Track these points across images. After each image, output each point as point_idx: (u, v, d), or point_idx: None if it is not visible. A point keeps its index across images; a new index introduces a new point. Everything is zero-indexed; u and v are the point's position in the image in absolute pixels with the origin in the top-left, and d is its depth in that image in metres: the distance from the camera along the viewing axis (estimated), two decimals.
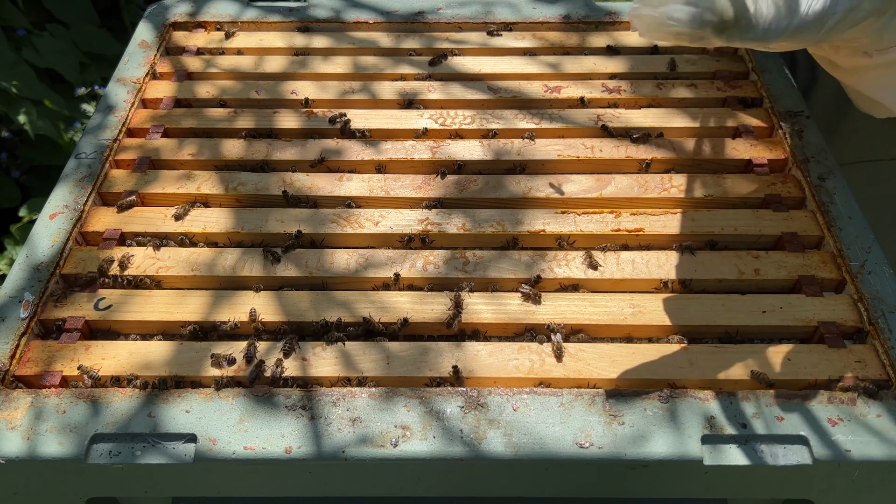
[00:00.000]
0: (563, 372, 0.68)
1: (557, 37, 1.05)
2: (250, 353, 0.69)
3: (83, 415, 0.64)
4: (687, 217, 0.81)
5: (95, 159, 0.88)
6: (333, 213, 0.82)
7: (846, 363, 0.68)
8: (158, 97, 0.97)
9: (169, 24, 1.08)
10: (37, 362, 0.69)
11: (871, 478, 0.63)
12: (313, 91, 0.97)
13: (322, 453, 0.62)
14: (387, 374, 0.68)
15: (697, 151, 0.88)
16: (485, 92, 0.97)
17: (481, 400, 0.65)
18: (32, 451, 0.62)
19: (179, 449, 0.62)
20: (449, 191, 0.84)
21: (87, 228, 0.81)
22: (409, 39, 1.05)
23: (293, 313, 0.73)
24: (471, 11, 1.09)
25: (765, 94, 0.94)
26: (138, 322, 0.73)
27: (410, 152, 0.89)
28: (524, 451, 0.62)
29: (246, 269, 0.77)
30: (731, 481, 0.64)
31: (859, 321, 0.72)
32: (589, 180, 0.85)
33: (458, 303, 0.71)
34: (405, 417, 0.64)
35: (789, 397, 0.65)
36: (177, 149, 0.90)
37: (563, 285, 0.76)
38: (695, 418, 0.63)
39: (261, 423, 0.63)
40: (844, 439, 0.62)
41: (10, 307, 0.73)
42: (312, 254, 0.78)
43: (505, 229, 0.80)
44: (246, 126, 0.93)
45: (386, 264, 0.77)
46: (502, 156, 0.88)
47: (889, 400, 0.65)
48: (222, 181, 0.85)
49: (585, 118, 0.92)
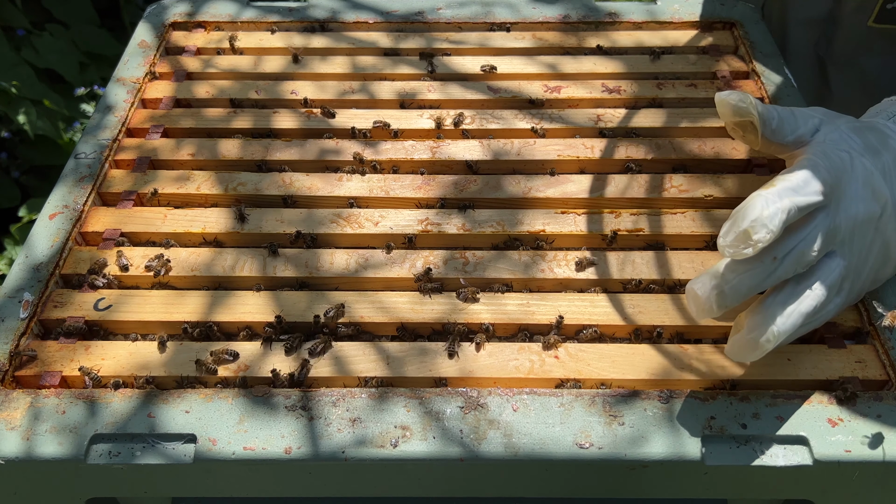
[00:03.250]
0: (563, 372, 0.68)
1: (557, 37, 1.05)
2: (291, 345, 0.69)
3: (83, 415, 0.64)
4: (687, 217, 0.81)
5: (95, 159, 0.87)
6: (333, 213, 0.82)
7: (846, 363, 0.68)
8: (158, 97, 0.97)
9: (168, 24, 1.08)
10: (36, 362, 0.69)
11: (871, 478, 0.63)
12: (313, 91, 0.97)
13: (322, 454, 0.62)
14: (386, 374, 0.68)
15: (697, 151, 0.88)
16: (485, 92, 0.97)
17: (481, 400, 0.65)
18: (32, 451, 0.62)
19: (179, 449, 0.62)
20: (449, 191, 0.84)
21: (86, 228, 0.81)
22: (408, 39, 1.05)
23: (292, 313, 0.73)
24: (471, 11, 1.09)
25: (765, 94, 0.94)
26: (138, 322, 0.73)
27: (410, 152, 0.89)
28: (524, 452, 0.62)
29: (246, 269, 0.77)
30: (731, 481, 0.64)
31: (859, 321, 0.72)
32: (589, 180, 0.85)
33: (453, 347, 0.70)
34: (405, 418, 0.64)
35: (789, 397, 0.65)
36: (176, 149, 0.90)
37: (563, 285, 0.76)
38: (695, 418, 0.63)
39: (260, 424, 0.63)
40: (844, 439, 0.62)
41: (9, 307, 0.73)
42: (312, 254, 0.78)
43: (505, 229, 0.80)
44: (245, 126, 0.93)
45: (386, 264, 0.77)
46: (502, 156, 0.88)
47: (889, 400, 0.65)
48: (222, 181, 0.85)
49: (585, 118, 0.92)
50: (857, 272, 0.67)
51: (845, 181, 0.66)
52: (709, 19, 1.06)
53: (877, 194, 0.67)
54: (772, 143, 0.72)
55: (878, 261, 0.68)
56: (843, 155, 0.68)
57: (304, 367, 0.68)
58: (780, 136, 0.71)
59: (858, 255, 0.67)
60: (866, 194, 0.66)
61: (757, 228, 0.60)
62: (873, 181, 0.67)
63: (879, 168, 0.68)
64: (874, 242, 0.67)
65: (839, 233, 0.65)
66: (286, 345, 0.69)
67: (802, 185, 0.64)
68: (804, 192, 0.63)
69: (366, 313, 0.73)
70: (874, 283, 0.71)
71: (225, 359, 0.69)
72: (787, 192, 0.62)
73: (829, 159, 0.67)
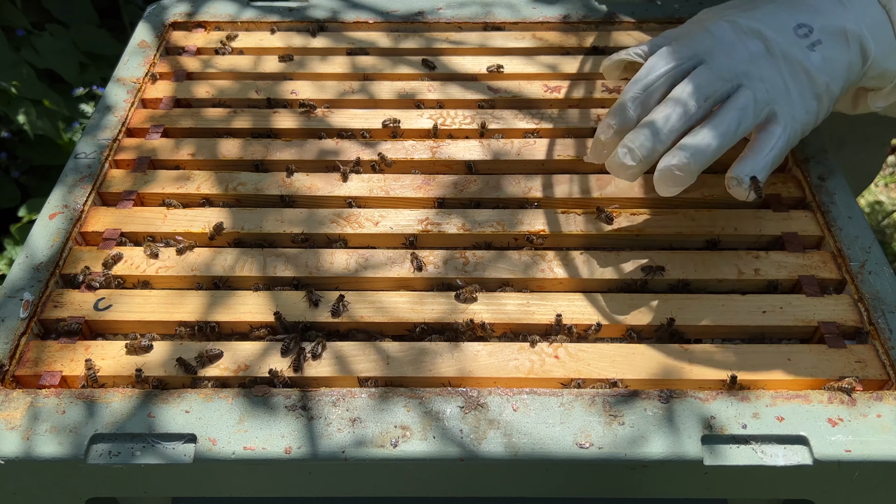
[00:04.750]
0: (563, 372, 0.68)
1: (557, 37, 1.05)
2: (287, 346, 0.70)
3: (83, 415, 0.64)
4: (687, 217, 0.81)
5: (95, 159, 0.87)
6: (333, 212, 0.82)
7: (846, 363, 0.68)
8: (158, 97, 0.97)
9: (168, 24, 1.08)
10: (36, 362, 0.69)
11: (871, 478, 0.63)
12: (312, 91, 0.97)
13: (322, 453, 0.62)
14: (386, 374, 0.68)
15: None
16: (485, 92, 0.97)
17: (481, 400, 0.65)
18: (32, 451, 0.62)
19: (179, 449, 0.62)
20: (449, 191, 0.84)
21: (86, 228, 0.81)
22: (408, 39, 1.05)
23: (292, 314, 0.73)
24: (470, 12, 1.09)
25: None
26: (138, 322, 0.73)
27: (410, 152, 0.89)
28: (524, 452, 0.62)
29: (245, 269, 0.77)
30: (731, 481, 0.64)
31: (859, 321, 0.72)
32: (589, 180, 0.85)
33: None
34: (405, 418, 0.64)
35: (789, 397, 0.65)
36: (176, 149, 0.90)
37: (563, 285, 0.76)
38: (695, 418, 0.63)
39: (260, 424, 0.63)
40: (844, 439, 0.62)
41: (9, 307, 0.73)
42: (312, 254, 0.78)
43: (505, 229, 0.80)
44: (245, 126, 0.93)
45: (386, 264, 0.77)
46: (502, 156, 0.88)
47: (889, 400, 0.65)
48: (221, 181, 0.85)
49: (585, 118, 0.92)
50: (781, 99, 0.73)
51: (709, 40, 0.74)
52: None
53: (751, 33, 0.73)
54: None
55: (801, 83, 0.73)
56: (701, 26, 0.76)
57: (300, 364, 0.68)
58: (649, 49, 0.79)
59: (771, 82, 0.72)
60: (740, 37, 0.74)
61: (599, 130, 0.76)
62: (743, 25, 0.74)
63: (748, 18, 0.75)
64: (779, 69, 0.73)
65: (725, 69, 0.72)
66: (283, 346, 0.69)
67: (643, 74, 0.74)
68: (650, 75, 0.74)
69: (366, 313, 0.73)
70: (822, 106, 0.75)
71: (210, 358, 0.68)
72: (626, 92, 0.74)
73: (678, 39, 0.76)
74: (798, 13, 0.74)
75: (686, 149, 0.70)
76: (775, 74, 0.73)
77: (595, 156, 0.79)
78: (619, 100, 0.74)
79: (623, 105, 0.73)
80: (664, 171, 0.71)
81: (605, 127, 0.75)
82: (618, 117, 0.74)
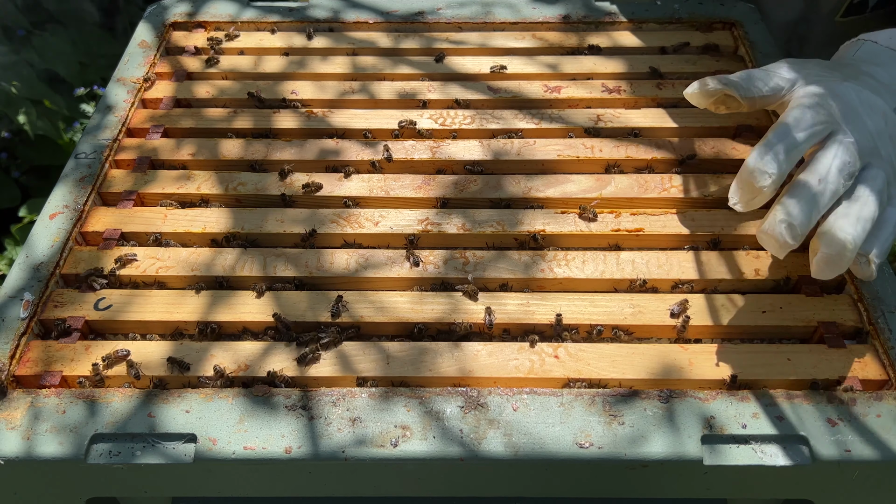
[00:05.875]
0: (563, 372, 0.68)
1: (557, 37, 1.05)
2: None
3: (83, 415, 0.64)
4: (687, 217, 0.81)
5: (95, 159, 0.88)
6: (333, 213, 0.82)
7: (846, 363, 0.68)
8: (158, 97, 0.97)
9: (168, 25, 1.08)
10: (36, 362, 0.69)
11: (871, 478, 0.63)
12: (312, 91, 0.97)
13: (322, 453, 0.62)
14: (386, 374, 0.68)
15: (697, 151, 0.88)
16: (485, 92, 0.97)
17: (481, 400, 0.65)
18: (32, 451, 0.62)
19: (179, 449, 0.62)
20: (448, 191, 0.84)
21: (86, 228, 0.81)
22: (408, 40, 1.05)
23: (292, 314, 0.73)
24: (470, 11, 1.09)
25: None
26: (138, 322, 0.73)
27: (410, 152, 0.89)
28: (524, 451, 0.62)
29: (246, 269, 0.77)
30: (731, 481, 0.64)
31: (859, 321, 0.72)
32: (589, 180, 0.85)
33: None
34: (405, 417, 0.64)
35: (789, 397, 0.65)
36: (176, 149, 0.90)
37: (562, 285, 0.76)
38: (695, 418, 0.64)
39: (261, 423, 0.63)
40: (844, 439, 0.62)
41: (10, 307, 0.73)
42: (312, 254, 0.78)
43: (505, 229, 0.80)
44: (245, 126, 0.93)
45: (386, 264, 0.77)
46: (502, 156, 0.88)
47: (889, 400, 0.65)
48: (222, 181, 0.85)
49: (585, 118, 0.92)
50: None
51: (840, 105, 0.72)
52: (709, 19, 1.06)
53: (874, 107, 0.73)
54: (753, 98, 0.77)
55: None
56: (829, 86, 0.74)
57: (306, 362, 0.68)
58: (756, 90, 0.76)
59: (891, 163, 0.72)
60: (865, 109, 0.73)
61: (757, 176, 0.69)
62: (865, 97, 0.73)
63: (865, 87, 0.74)
64: (895, 147, 0.72)
65: (859, 145, 0.70)
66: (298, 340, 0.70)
67: (794, 125, 0.70)
68: (798, 129, 0.70)
69: (366, 313, 0.73)
70: None
71: (118, 359, 0.69)
72: (777, 137, 0.70)
73: (816, 96, 0.73)
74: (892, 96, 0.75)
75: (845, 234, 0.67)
76: (892, 153, 0.72)
77: (745, 203, 0.72)
78: (771, 148, 0.69)
79: (777, 156, 0.69)
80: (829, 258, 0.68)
81: (762, 174, 0.69)
82: (775, 167, 0.69)
